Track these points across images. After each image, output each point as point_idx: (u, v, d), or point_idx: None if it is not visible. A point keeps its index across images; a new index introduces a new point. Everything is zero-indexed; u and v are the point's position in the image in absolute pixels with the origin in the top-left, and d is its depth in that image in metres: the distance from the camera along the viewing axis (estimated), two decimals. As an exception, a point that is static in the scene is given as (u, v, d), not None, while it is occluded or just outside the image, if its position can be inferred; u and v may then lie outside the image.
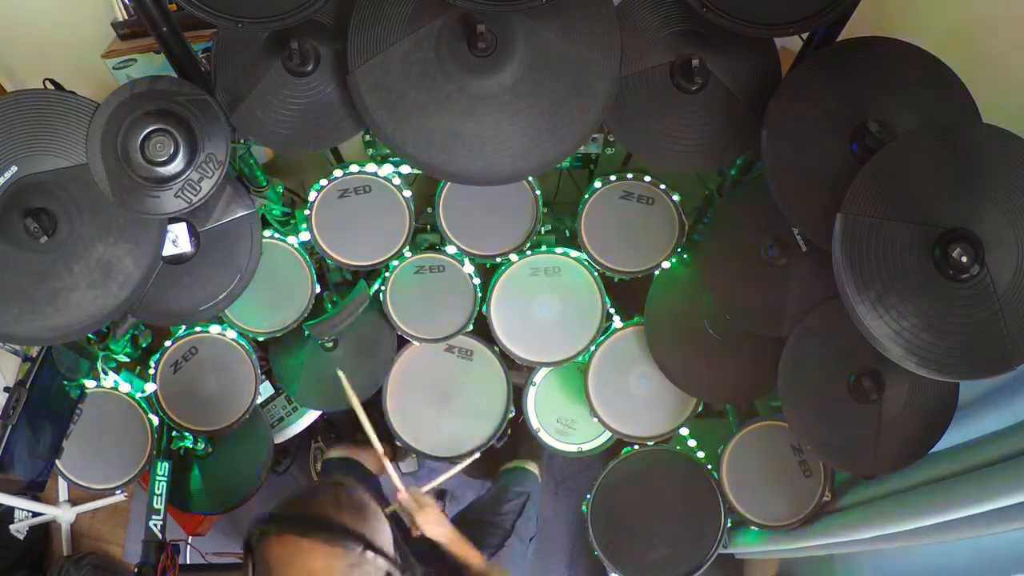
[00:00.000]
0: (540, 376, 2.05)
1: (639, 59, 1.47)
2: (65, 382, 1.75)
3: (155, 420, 1.90)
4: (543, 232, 1.94)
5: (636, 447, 1.95)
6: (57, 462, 1.80)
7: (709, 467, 1.87)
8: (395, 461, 2.46)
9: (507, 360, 2.00)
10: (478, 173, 1.46)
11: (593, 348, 1.93)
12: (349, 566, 0.96)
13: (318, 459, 2.58)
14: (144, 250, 1.44)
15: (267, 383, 2.16)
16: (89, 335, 1.76)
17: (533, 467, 2.04)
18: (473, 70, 1.40)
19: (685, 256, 1.84)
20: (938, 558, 1.65)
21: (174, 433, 1.96)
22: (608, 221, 1.82)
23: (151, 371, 1.90)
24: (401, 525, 1.67)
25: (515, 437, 2.11)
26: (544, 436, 2.06)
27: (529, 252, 1.87)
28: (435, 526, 1.51)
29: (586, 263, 1.87)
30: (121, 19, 1.74)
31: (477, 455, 1.89)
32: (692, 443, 1.97)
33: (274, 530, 0.98)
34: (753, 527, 1.84)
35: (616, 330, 1.93)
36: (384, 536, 1.03)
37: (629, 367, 1.93)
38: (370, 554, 0.98)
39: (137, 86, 1.39)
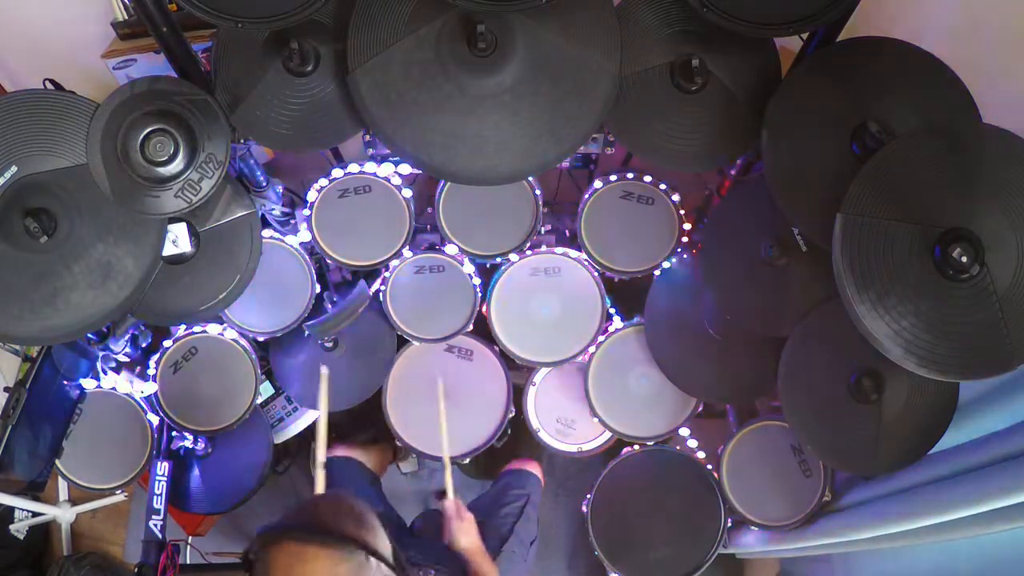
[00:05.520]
0: (540, 376, 2.05)
1: (639, 59, 1.47)
2: (65, 382, 1.75)
3: (155, 420, 1.90)
4: (543, 232, 1.94)
5: (636, 447, 1.95)
6: (57, 462, 1.79)
7: (709, 467, 1.87)
8: (396, 461, 2.46)
9: (507, 360, 2.00)
10: (478, 173, 1.46)
11: (593, 348, 1.93)
12: (351, 572, 0.96)
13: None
14: (144, 250, 1.44)
15: (267, 383, 2.16)
16: (89, 335, 1.76)
17: (534, 469, 2.03)
18: (473, 70, 1.40)
19: (685, 256, 1.84)
20: (938, 558, 1.65)
21: (174, 433, 1.96)
22: (608, 221, 1.82)
23: (151, 371, 1.90)
24: (398, 529, 1.67)
25: (515, 437, 2.11)
26: (544, 436, 2.06)
27: (529, 252, 1.86)
28: (466, 537, 1.54)
29: (586, 263, 1.87)
30: (121, 19, 1.74)
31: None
32: (692, 443, 1.97)
33: (275, 538, 0.97)
34: (753, 527, 1.84)
35: (616, 330, 1.93)
36: (384, 543, 1.03)
37: (629, 367, 1.93)
38: (373, 561, 0.98)
39: (137, 86, 1.39)
